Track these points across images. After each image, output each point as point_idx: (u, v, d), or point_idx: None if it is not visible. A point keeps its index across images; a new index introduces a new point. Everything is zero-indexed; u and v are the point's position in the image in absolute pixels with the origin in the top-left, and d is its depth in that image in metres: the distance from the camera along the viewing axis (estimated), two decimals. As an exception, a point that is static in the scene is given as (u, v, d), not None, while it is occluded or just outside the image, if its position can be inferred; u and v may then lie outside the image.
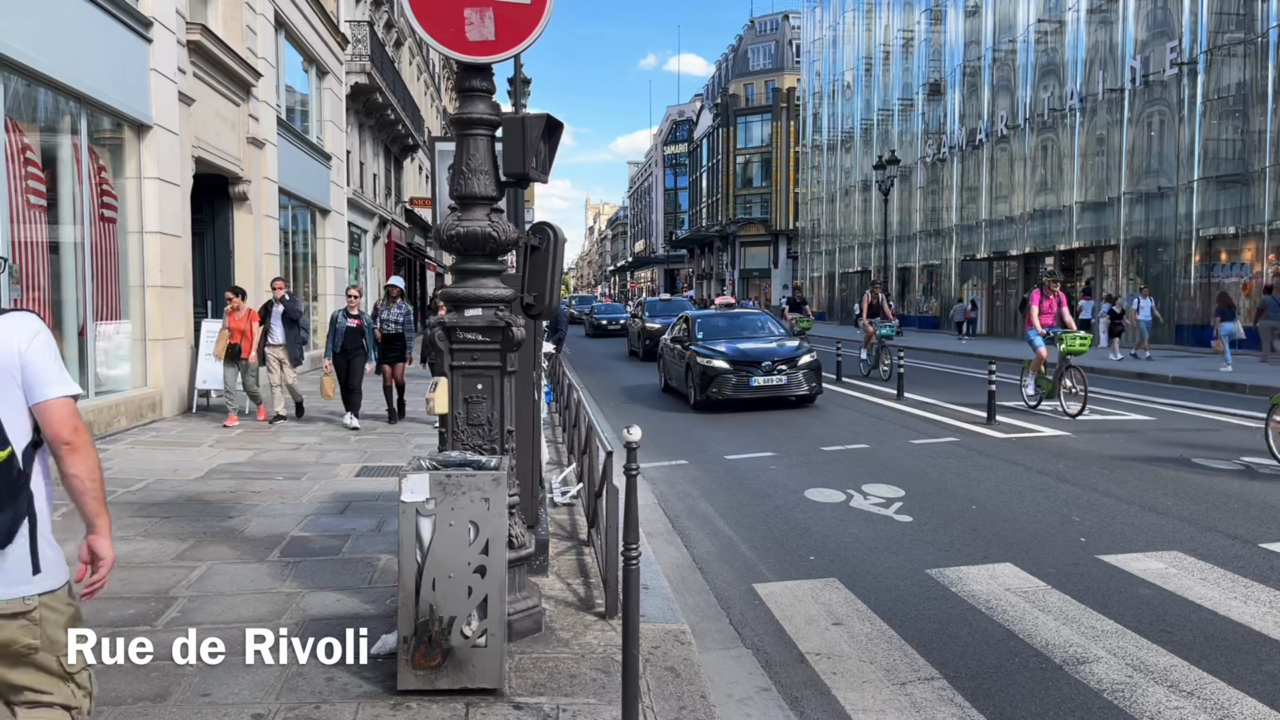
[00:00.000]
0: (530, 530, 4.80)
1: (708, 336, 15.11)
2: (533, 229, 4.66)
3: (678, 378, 15.22)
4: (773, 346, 14.53)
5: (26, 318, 2.43)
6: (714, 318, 16.89)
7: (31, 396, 2.35)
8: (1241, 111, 24.24)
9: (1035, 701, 4.06)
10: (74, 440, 2.39)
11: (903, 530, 6.94)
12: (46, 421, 2.37)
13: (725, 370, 13.64)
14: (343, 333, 11.25)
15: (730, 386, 13.51)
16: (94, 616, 4.67)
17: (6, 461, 2.27)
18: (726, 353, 14.07)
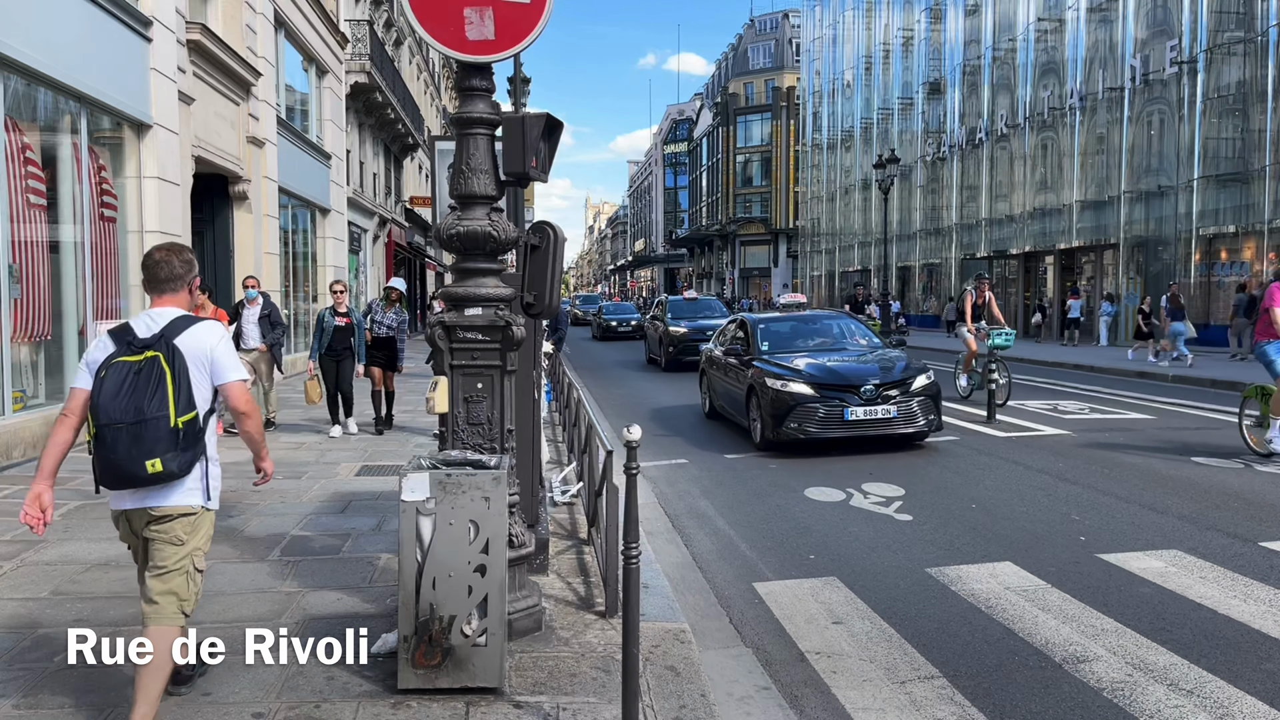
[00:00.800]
0: (530, 529, 4.80)
1: (776, 348, 11.33)
2: (532, 228, 4.66)
3: (732, 402, 11.55)
4: (871, 364, 10.56)
5: (214, 325, 3.58)
6: (780, 322, 12.74)
7: (216, 379, 3.47)
8: (1241, 110, 24.24)
9: (1035, 700, 4.06)
10: (247, 410, 3.62)
11: (903, 529, 6.94)
12: (227, 396, 3.51)
13: (809, 397, 9.80)
14: (330, 332, 10.44)
15: (816, 420, 9.75)
16: (94, 616, 4.69)
17: (193, 419, 3.35)
18: (809, 372, 10.19)
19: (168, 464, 3.26)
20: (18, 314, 9.05)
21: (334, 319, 10.50)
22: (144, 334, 3.37)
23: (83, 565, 5.53)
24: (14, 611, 4.75)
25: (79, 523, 6.55)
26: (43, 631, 4.46)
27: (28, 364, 9.62)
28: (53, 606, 4.83)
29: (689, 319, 21.44)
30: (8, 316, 8.86)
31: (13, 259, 8.97)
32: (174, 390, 3.30)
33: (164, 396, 3.28)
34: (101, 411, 3.24)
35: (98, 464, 3.31)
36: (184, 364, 3.35)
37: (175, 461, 3.28)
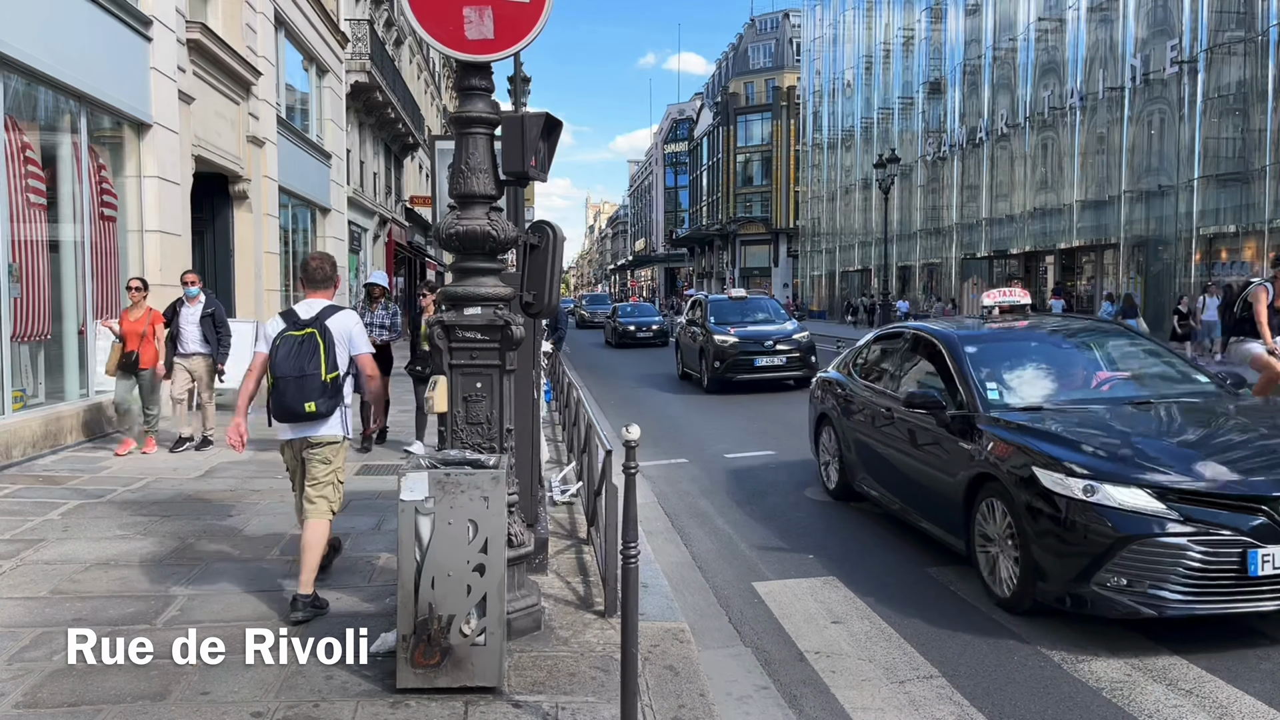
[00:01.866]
0: (530, 529, 4.80)
1: (1021, 391, 5.97)
2: (532, 227, 4.66)
3: (917, 493, 6.30)
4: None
5: (350, 313, 5.03)
6: (1014, 343, 6.67)
7: (352, 350, 4.86)
8: (1242, 110, 24.22)
9: (1034, 699, 4.06)
10: (372, 374, 4.96)
11: (902, 529, 6.92)
12: (360, 364, 4.90)
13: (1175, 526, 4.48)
14: None
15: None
16: (93, 615, 4.69)
17: (336, 377, 4.74)
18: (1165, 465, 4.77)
19: (319, 406, 4.66)
20: (18, 313, 9.05)
21: None
22: (304, 316, 4.81)
23: (82, 565, 5.53)
24: (13, 611, 4.75)
25: (78, 522, 6.55)
26: (42, 631, 4.46)
27: (28, 363, 9.62)
28: (52, 606, 4.83)
29: (736, 324, 16.70)
30: (7, 316, 8.86)
31: (13, 258, 8.97)
32: (324, 356, 4.71)
33: (318, 360, 4.69)
34: (276, 368, 4.67)
35: (272, 404, 4.71)
36: (331, 338, 4.75)
37: (324, 405, 4.68)
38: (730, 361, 15.68)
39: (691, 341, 17.55)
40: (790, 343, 16.13)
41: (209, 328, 9.43)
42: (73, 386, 10.27)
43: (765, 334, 16.22)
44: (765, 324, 17.03)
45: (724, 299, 18.71)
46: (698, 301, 18.85)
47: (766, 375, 15.84)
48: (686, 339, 18.23)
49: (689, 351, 17.81)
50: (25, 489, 7.63)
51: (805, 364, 15.70)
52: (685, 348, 18.29)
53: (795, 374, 15.76)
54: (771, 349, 15.91)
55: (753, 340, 15.92)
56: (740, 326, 16.61)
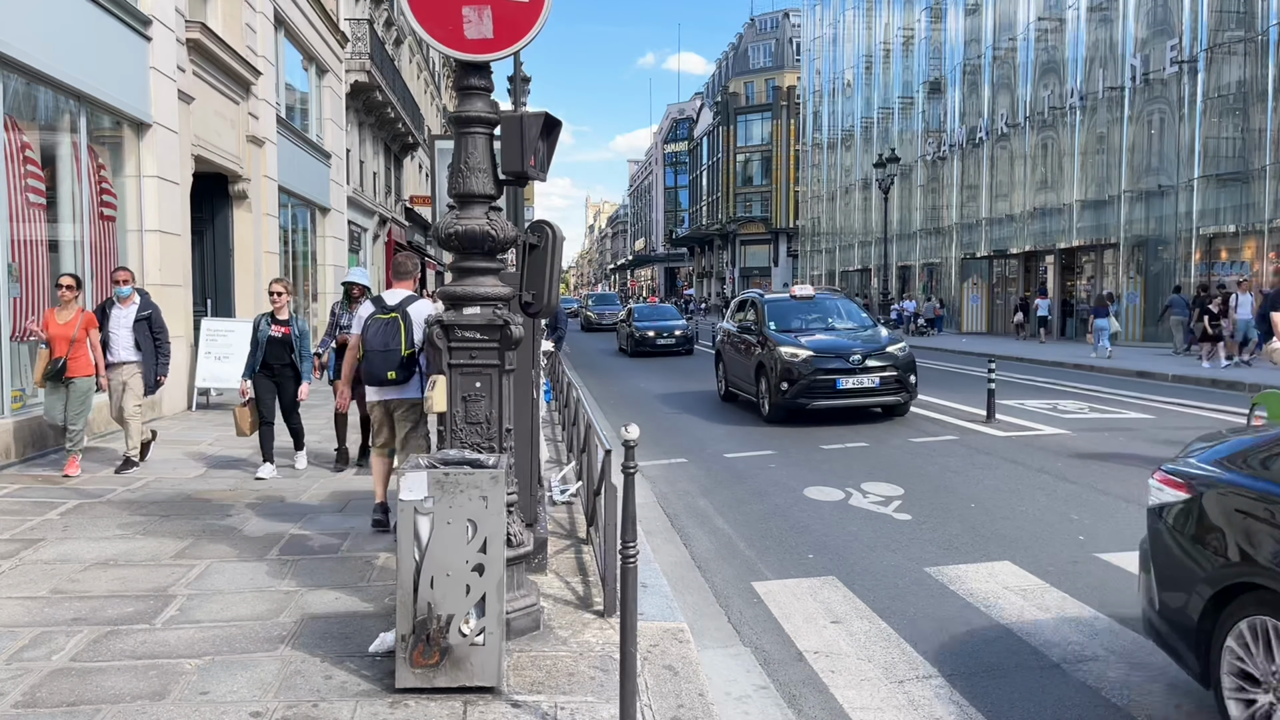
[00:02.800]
0: (529, 528, 4.80)
1: None
2: (531, 227, 4.66)
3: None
4: None
5: (426, 301, 6.30)
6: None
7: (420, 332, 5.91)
8: (1242, 109, 24.22)
9: (1033, 700, 4.06)
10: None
11: (902, 528, 6.94)
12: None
13: None
14: (264, 345, 8.06)
15: None
16: (92, 614, 4.69)
17: (412, 353, 5.97)
18: None
19: (399, 375, 5.93)
20: (17, 313, 9.06)
21: (269, 328, 8.11)
22: (391, 303, 6.10)
23: (81, 564, 5.54)
24: (12, 610, 4.75)
25: (78, 521, 6.55)
26: (41, 630, 4.46)
27: (27, 363, 9.62)
28: (51, 605, 4.83)
29: (805, 331, 13.01)
30: (7, 316, 8.87)
31: (12, 258, 8.97)
32: (405, 335, 5.95)
33: (399, 338, 5.94)
34: (367, 344, 6.00)
35: (365, 371, 6.08)
36: (410, 321, 5.97)
37: (402, 374, 5.94)
38: (803, 383, 11.73)
39: (741, 353, 13.80)
40: (884, 358, 11.94)
41: (144, 333, 8.38)
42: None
43: (848, 346, 12.12)
44: (846, 332, 13.00)
45: (784, 298, 14.26)
46: (749, 302, 14.62)
47: (852, 402, 11.82)
48: (733, 350, 14.27)
49: (736, 365, 14.04)
50: (25, 489, 7.63)
51: (904, 387, 11.98)
52: (731, 361, 14.34)
53: (890, 400, 11.98)
54: (859, 366, 11.78)
55: (832, 354, 11.91)
56: (810, 335, 12.70)
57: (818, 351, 12.02)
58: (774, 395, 12.08)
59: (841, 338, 12.68)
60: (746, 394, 13.57)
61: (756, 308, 14.01)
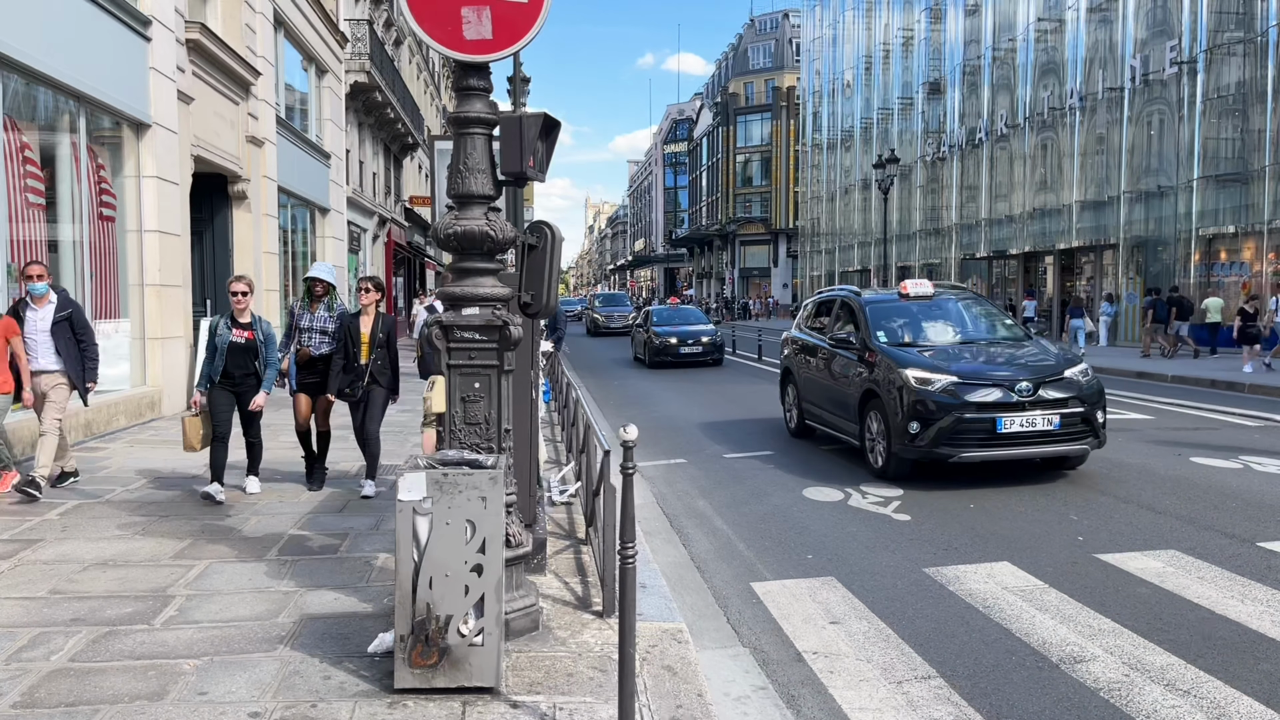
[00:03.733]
0: (528, 529, 4.80)
1: None
2: (530, 228, 4.66)
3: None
4: None
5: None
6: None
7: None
8: (1241, 110, 24.24)
9: (1032, 700, 4.06)
10: None
11: (901, 529, 6.94)
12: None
13: None
14: (223, 351, 7.14)
15: None
16: (91, 615, 4.69)
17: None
18: None
19: None
20: (16, 313, 9.05)
21: (229, 332, 7.18)
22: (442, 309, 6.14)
23: (80, 565, 5.53)
24: (11, 610, 4.74)
25: (77, 522, 6.55)
26: (40, 630, 4.46)
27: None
28: (50, 606, 4.83)
29: (930, 345, 9.31)
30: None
31: (12, 258, 8.97)
32: None
33: None
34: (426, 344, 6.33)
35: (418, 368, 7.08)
36: None
37: None
38: (946, 425, 8.10)
39: (828, 375, 10.19)
40: (1063, 386, 8.34)
41: (64, 336, 7.31)
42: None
43: (1008, 370, 8.47)
44: (994, 348, 9.26)
45: (890, 298, 10.26)
46: (841, 304, 10.61)
47: (1020, 452, 8.20)
48: (814, 369, 10.64)
49: (819, 391, 10.51)
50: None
51: (1092, 429, 8.38)
52: (811, 384, 10.75)
53: (1075, 447, 8.36)
54: (1029, 399, 8.14)
55: (987, 382, 8.28)
56: (942, 352, 9.01)
57: (964, 377, 8.29)
58: (896, 439, 8.35)
59: (993, 357, 8.92)
60: (837, 431, 9.91)
61: (854, 312, 10.02)
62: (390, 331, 7.61)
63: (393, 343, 7.61)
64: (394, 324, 7.79)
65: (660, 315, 24.67)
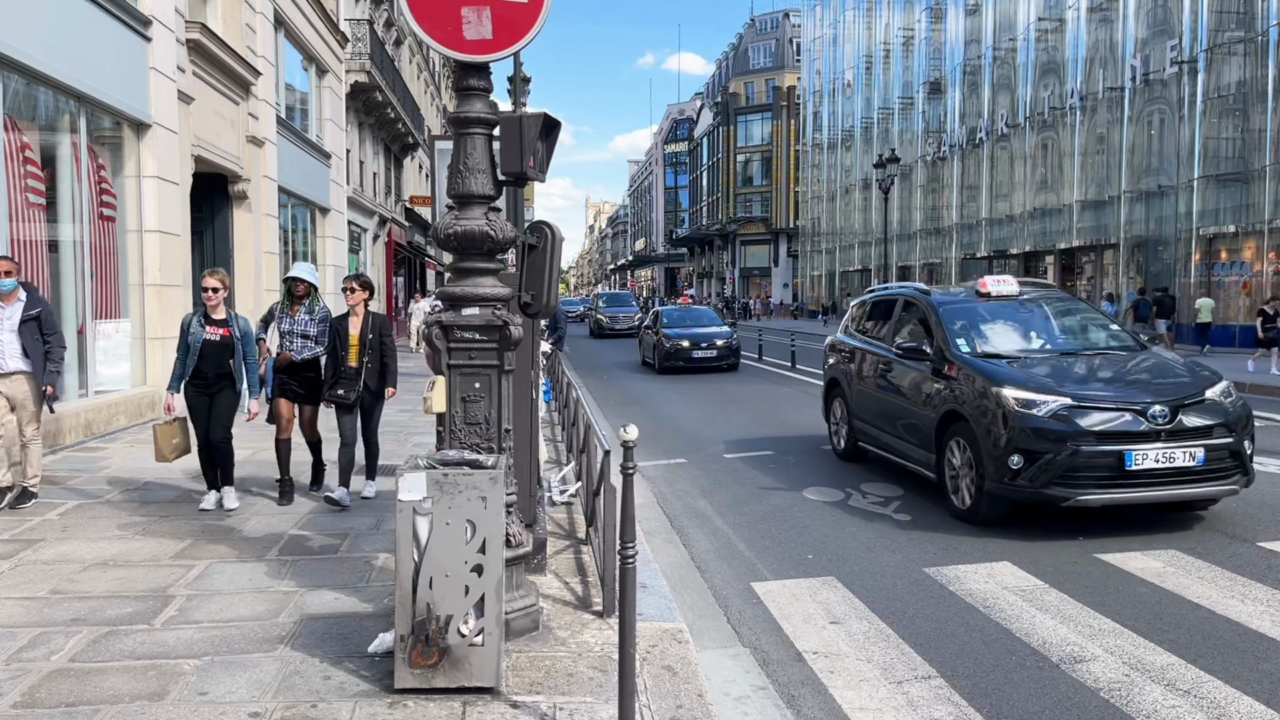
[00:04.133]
0: (528, 529, 4.80)
1: None
2: (530, 228, 4.66)
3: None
4: None
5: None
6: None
7: None
8: (1242, 110, 24.24)
9: (1032, 700, 4.06)
10: None
11: (901, 529, 6.94)
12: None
13: None
14: (196, 350, 6.68)
15: None
16: (91, 615, 4.69)
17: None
18: None
19: None
20: (17, 313, 9.05)
21: (203, 330, 6.73)
22: None
23: (80, 565, 5.54)
24: (11, 610, 4.75)
25: (77, 522, 6.55)
26: (40, 631, 4.46)
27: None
28: (50, 606, 4.83)
29: (1022, 357, 7.62)
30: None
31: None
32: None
33: None
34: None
35: None
36: None
37: None
38: (1061, 459, 6.51)
39: (888, 390, 8.57)
40: (1206, 411, 6.77)
41: (32, 336, 6.79)
42: (72, 386, 10.27)
43: (1137, 395, 6.80)
44: (1106, 360, 7.70)
45: (964, 298, 8.53)
46: (906, 304, 8.91)
47: (1152, 494, 6.64)
48: (868, 384, 9.01)
49: (877, 407, 8.80)
50: (24, 489, 7.61)
51: (1238, 461, 6.72)
52: (867, 399, 9.03)
53: (1222, 488, 6.74)
54: (1166, 427, 6.54)
55: (1109, 405, 6.68)
56: (1043, 366, 7.40)
57: (1081, 399, 6.68)
58: (992, 475, 6.68)
59: (1109, 372, 7.36)
60: (903, 458, 8.20)
61: (924, 314, 8.35)
62: (382, 331, 7.18)
63: (388, 343, 7.21)
64: (386, 324, 7.32)
65: (671, 316, 23.26)
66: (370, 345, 7.05)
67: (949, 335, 7.83)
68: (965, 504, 7.10)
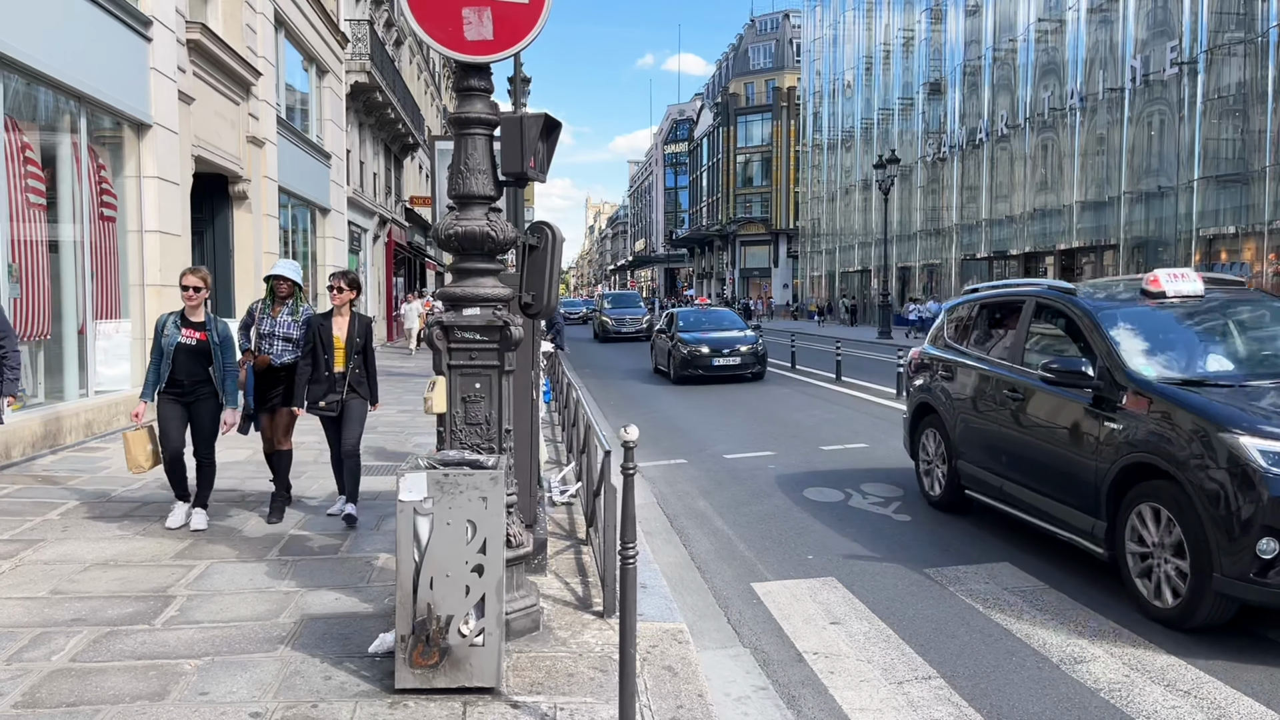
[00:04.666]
0: (528, 529, 4.80)
1: None
2: (531, 228, 4.66)
3: None
4: None
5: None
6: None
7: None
8: (1241, 111, 24.25)
9: (1032, 701, 4.06)
10: None
11: (901, 529, 6.94)
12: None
13: None
14: (170, 355, 6.20)
15: None
16: (92, 615, 4.69)
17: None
18: None
19: None
20: (17, 313, 9.05)
21: (178, 333, 6.25)
22: None
23: (81, 565, 5.54)
24: (12, 611, 4.75)
25: (78, 522, 6.55)
26: (41, 631, 4.46)
27: (27, 363, 9.62)
28: (51, 606, 4.83)
29: (1239, 384, 5.27)
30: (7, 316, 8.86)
31: (12, 258, 8.97)
32: None
33: None
34: None
35: None
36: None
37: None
38: None
39: (1017, 425, 6.44)
40: None
41: None
42: (72, 386, 10.28)
43: None
44: None
45: (1133, 300, 6.24)
46: (1043, 309, 6.68)
47: None
48: (984, 414, 6.91)
49: (991, 443, 6.77)
50: (25, 489, 7.63)
51: None
52: (976, 435, 7.00)
53: None
54: None
55: None
56: None
57: None
58: (1227, 565, 4.57)
59: None
60: (1044, 520, 6.05)
61: (1071, 318, 6.23)
62: (367, 336, 6.59)
63: (370, 349, 6.62)
64: (370, 328, 6.73)
65: (687, 319, 20.59)
66: (355, 349, 6.51)
67: (1117, 353, 5.62)
68: (1167, 601, 4.90)
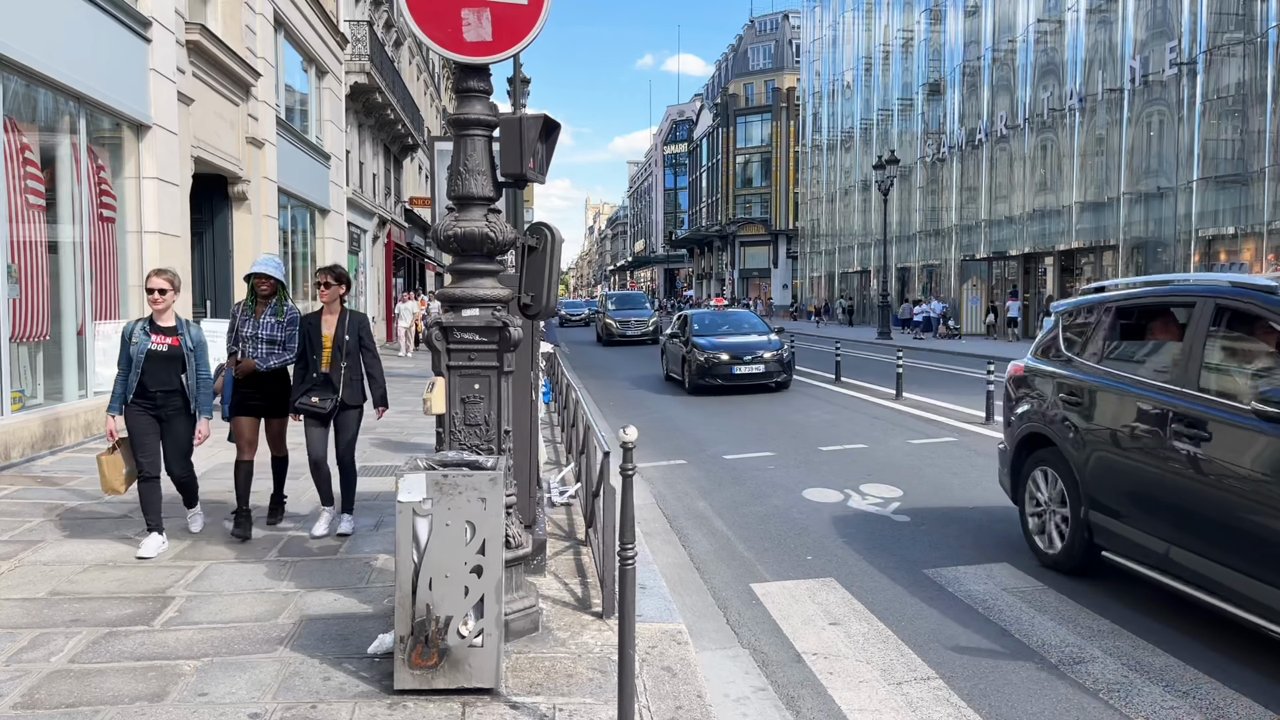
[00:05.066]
0: (528, 530, 4.80)
1: None
2: (530, 229, 4.67)
3: None
4: None
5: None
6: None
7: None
8: (1241, 111, 24.26)
9: (1031, 701, 4.07)
10: None
11: (900, 530, 6.94)
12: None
13: None
14: (139, 363, 5.68)
15: None
16: (91, 616, 4.69)
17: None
18: None
19: None
20: (16, 314, 9.06)
21: (148, 339, 5.73)
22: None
23: (80, 565, 5.54)
24: (11, 611, 4.75)
25: (76, 523, 6.55)
26: (40, 631, 4.46)
27: (27, 364, 9.62)
28: (50, 606, 4.83)
29: None
30: (7, 317, 8.87)
31: (12, 259, 8.97)
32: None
33: None
34: None
35: None
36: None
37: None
38: None
39: (1195, 475, 4.58)
40: None
41: None
42: (71, 387, 10.28)
43: None
44: None
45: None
46: (1222, 312, 4.76)
47: None
48: (1129, 455, 5.10)
49: (1140, 487, 5.00)
50: (24, 490, 7.63)
51: None
52: (1121, 476, 5.17)
53: None
54: None
55: None
56: None
57: None
58: None
59: None
60: (1226, 599, 4.46)
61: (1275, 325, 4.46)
62: (362, 334, 6.20)
63: (369, 347, 6.25)
64: (366, 325, 6.33)
65: (702, 322, 18.55)
66: (347, 349, 6.09)
67: None
68: None
